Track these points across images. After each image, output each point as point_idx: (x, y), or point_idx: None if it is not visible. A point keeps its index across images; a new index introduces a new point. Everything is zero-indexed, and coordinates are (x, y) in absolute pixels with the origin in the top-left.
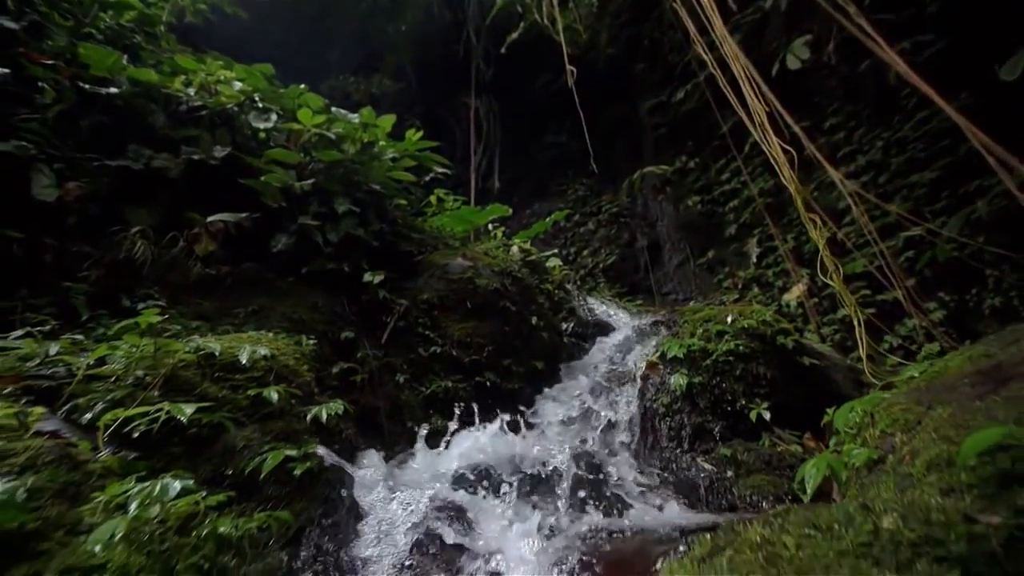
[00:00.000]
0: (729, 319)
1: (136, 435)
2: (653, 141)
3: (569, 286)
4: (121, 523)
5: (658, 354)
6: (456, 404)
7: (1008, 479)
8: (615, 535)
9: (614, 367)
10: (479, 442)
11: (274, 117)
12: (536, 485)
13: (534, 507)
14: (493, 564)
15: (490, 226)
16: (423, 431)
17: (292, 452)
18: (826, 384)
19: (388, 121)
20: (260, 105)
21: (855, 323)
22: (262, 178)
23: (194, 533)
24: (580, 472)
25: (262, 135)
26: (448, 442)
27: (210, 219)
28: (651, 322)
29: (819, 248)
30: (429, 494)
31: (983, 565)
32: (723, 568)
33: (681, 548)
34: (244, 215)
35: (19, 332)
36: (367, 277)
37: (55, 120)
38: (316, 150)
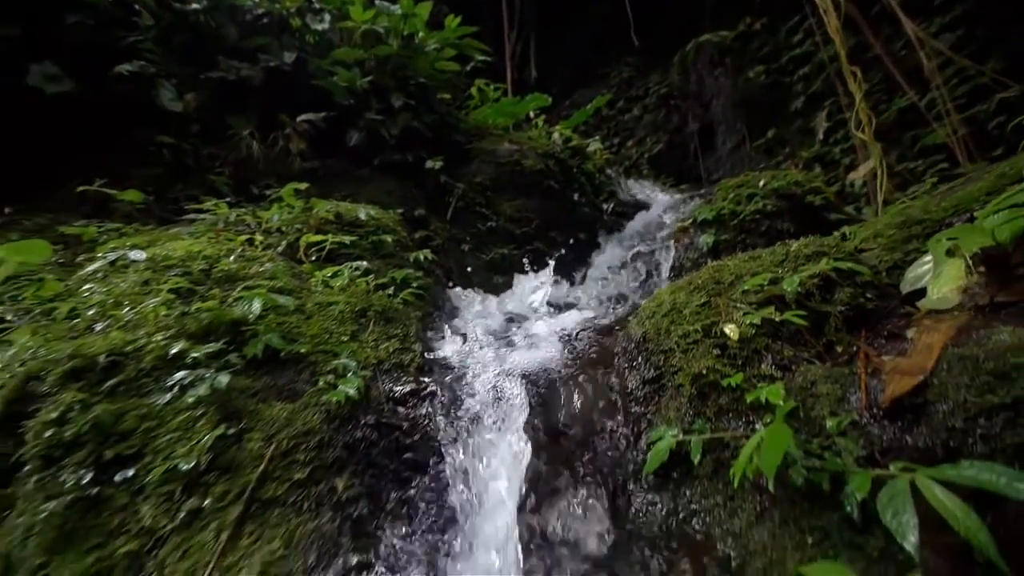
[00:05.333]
0: (761, 183)
1: (315, 256)
2: (713, 2)
3: (610, 170)
4: (337, 285)
5: (690, 220)
6: (511, 267)
7: (909, 238)
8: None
9: (650, 236)
10: (535, 291)
11: (328, 17)
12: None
13: (568, 311)
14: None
15: (531, 114)
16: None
17: (412, 271)
18: None
19: (425, 8)
20: (316, 6)
21: (877, 172)
22: (332, 78)
23: (371, 296)
24: (606, 303)
25: (319, 36)
26: (509, 291)
27: (298, 119)
28: (689, 197)
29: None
30: (502, 310)
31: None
32: (682, 284)
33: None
34: (322, 114)
35: (210, 202)
36: (428, 164)
37: (155, 40)
38: (368, 46)
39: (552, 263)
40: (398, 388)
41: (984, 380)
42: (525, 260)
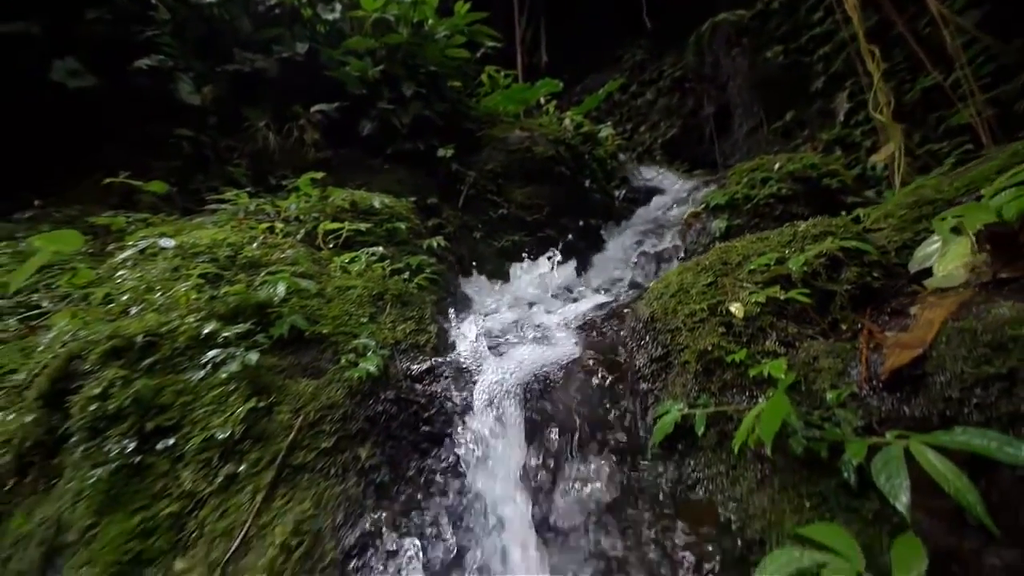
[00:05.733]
0: (776, 166)
1: (332, 243)
2: None
3: (622, 156)
4: (355, 271)
5: (702, 205)
6: (522, 253)
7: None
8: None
9: (661, 222)
10: (545, 278)
11: (338, 7)
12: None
13: (579, 297)
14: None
15: (542, 100)
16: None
17: (425, 257)
18: None
19: None
20: None
21: (895, 154)
22: (344, 68)
23: (388, 281)
24: (616, 288)
25: (330, 26)
26: (519, 277)
27: (312, 109)
28: (702, 182)
29: (909, 91)
30: (513, 295)
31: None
32: (690, 266)
33: None
34: (335, 104)
35: (231, 192)
36: (440, 152)
37: (171, 34)
38: (378, 35)
39: (562, 249)
40: (415, 367)
41: (981, 352)
42: (536, 247)
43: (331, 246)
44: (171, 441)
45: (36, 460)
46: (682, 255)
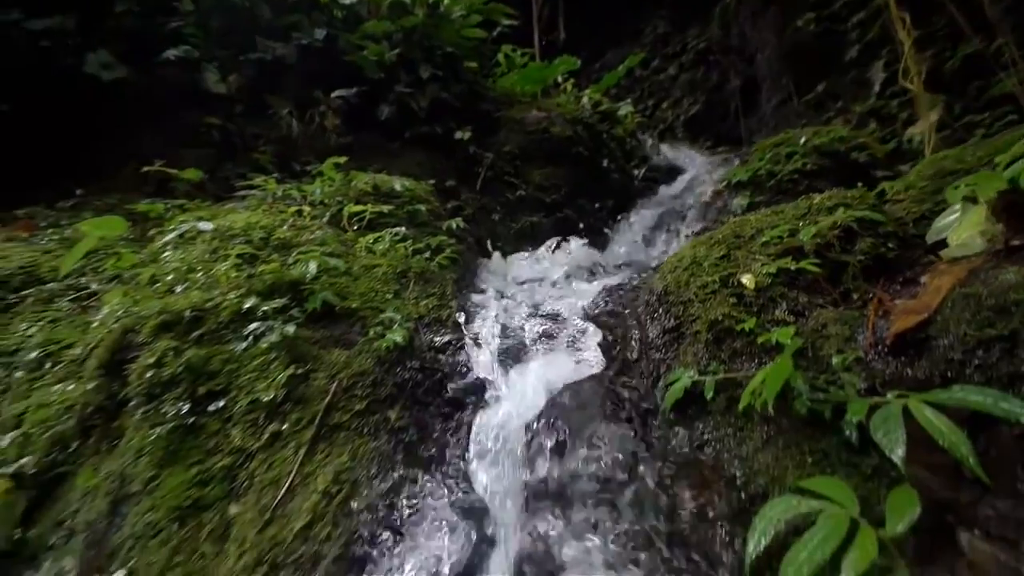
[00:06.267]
0: (802, 140)
1: (356, 225)
2: None
3: (643, 135)
4: (379, 250)
5: (724, 183)
6: (540, 234)
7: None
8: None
9: (682, 201)
10: (562, 259)
11: None
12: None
13: (596, 276)
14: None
15: (560, 78)
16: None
17: (445, 238)
18: None
19: None
20: None
21: (928, 126)
22: (362, 53)
23: (410, 260)
24: (632, 268)
25: (347, 11)
26: (536, 258)
27: (332, 95)
28: (725, 159)
29: (949, 59)
30: (530, 276)
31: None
32: (703, 240)
33: None
34: (354, 89)
35: (260, 179)
36: (457, 135)
37: (196, 24)
38: (394, 17)
39: (580, 230)
40: (438, 338)
41: (984, 315)
42: (553, 228)
43: (356, 228)
44: (221, 404)
45: (98, 423)
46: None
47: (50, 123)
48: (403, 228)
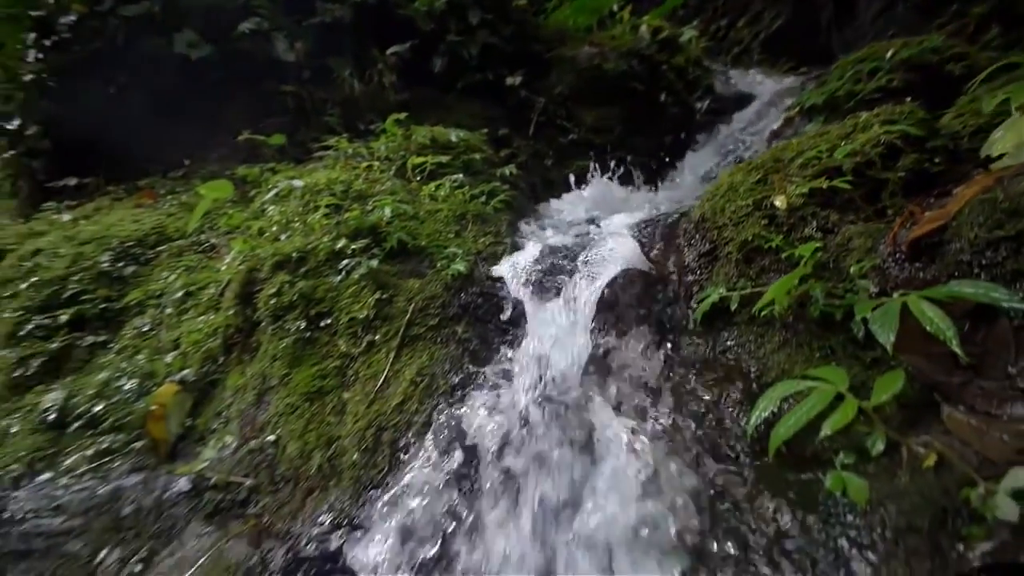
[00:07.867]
0: (889, 53)
1: (419, 176)
2: None
3: (708, 62)
4: (440, 196)
5: (796, 108)
6: (592, 176)
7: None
8: None
9: (749, 131)
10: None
11: None
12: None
13: (647, 215)
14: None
15: (615, 7)
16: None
17: (499, 184)
18: None
19: None
20: None
21: None
22: (414, 4)
23: (468, 204)
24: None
25: None
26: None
27: (388, 52)
28: (804, 82)
29: None
30: (579, 217)
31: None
32: (742, 166)
33: None
34: (407, 44)
35: (333, 139)
36: (508, 81)
37: None
38: None
39: (634, 171)
40: (494, 270)
41: (996, 218)
42: (605, 170)
43: (419, 178)
44: (328, 321)
45: (238, 341)
46: None
47: (154, 103)
48: (460, 176)
